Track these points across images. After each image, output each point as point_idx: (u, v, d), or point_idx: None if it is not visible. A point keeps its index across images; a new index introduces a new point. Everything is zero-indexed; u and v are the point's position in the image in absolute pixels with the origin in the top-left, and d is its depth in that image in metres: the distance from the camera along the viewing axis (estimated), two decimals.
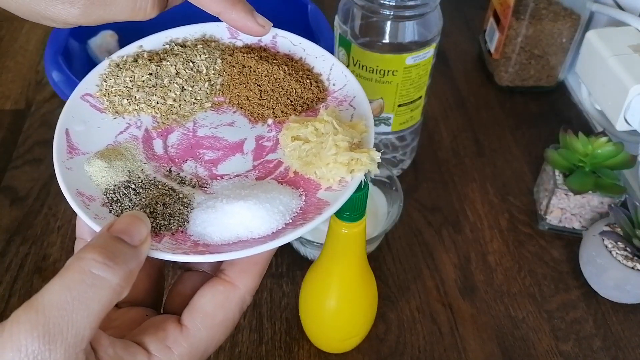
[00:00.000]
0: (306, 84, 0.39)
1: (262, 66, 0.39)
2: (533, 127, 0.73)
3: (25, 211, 0.61)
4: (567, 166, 0.58)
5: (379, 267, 0.57)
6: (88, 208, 0.32)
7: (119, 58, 0.40)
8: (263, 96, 0.39)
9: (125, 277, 0.27)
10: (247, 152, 0.37)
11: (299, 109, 0.38)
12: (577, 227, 0.60)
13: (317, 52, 0.41)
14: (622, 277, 0.52)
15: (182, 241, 0.32)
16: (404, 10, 0.52)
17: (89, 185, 0.34)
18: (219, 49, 0.41)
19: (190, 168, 0.37)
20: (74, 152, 0.35)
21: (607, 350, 0.52)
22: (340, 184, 0.33)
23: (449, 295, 0.55)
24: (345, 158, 0.33)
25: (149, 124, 0.38)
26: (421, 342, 0.52)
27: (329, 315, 0.47)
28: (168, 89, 0.39)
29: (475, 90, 0.78)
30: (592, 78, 0.63)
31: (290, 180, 0.35)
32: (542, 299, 0.55)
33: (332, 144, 0.33)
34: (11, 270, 0.56)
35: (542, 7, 0.71)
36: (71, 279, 0.26)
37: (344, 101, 0.38)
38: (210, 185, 0.35)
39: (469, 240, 0.60)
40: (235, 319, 0.32)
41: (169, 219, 0.33)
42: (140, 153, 0.37)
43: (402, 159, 0.65)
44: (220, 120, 0.39)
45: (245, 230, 0.32)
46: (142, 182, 0.34)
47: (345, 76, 0.39)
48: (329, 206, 0.32)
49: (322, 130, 0.34)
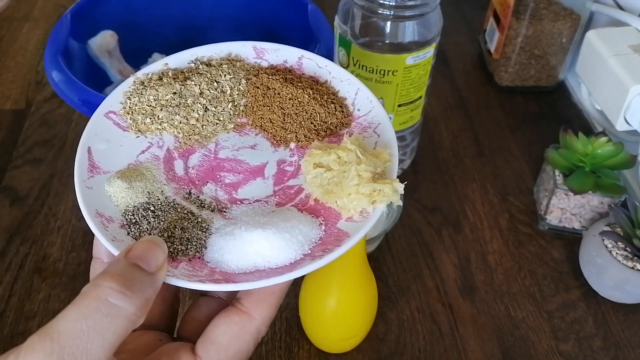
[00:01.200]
0: (330, 109, 0.38)
1: (286, 89, 0.39)
2: (533, 127, 0.73)
3: (25, 211, 0.61)
4: (567, 166, 0.58)
5: (379, 267, 0.57)
6: (107, 230, 0.32)
7: (144, 76, 0.39)
8: (286, 119, 0.38)
9: (141, 306, 0.26)
10: (268, 177, 0.37)
11: (323, 134, 0.38)
12: (577, 227, 0.60)
13: (343, 76, 0.40)
14: (622, 277, 0.52)
15: (199, 268, 0.31)
16: (404, 10, 0.52)
17: (108, 206, 0.33)
18: (244, 69, 0.41)
19: (210, 191, 0.36)
20: (95, 170, 0.35)
21: (607, 350, 0.52)
22: (362, 214, 0.33)
23: (449, 295, 0.55)
24: (367, 189, 0.32)
25: (171, 143, 0.38)
26: (421, 342, 0.52)
27: (329, 315, 0.47)
28: (191, 108, 0.38)
29: (475, 90, 0.78)
30: (592, 78, 0.63)
31: (310, 208, 0.34)
32: (542, 299, 0.55)
33: (354, 174, 0.32)
34: (11, 270, 0.56)
35: (542, 7, 0.71)
36: (87, 307, 0.25)
37: (368, 127, 0.37)
38: (229, 210, 0.35)
39: (469, 240, 0.60)
40: (249, 350, 0.31)
41: (186, 244, 0.32)
42: (160, 174, 0.36)
43: (402, 159, 0.65)
44: (242, 143, 0.39)
45: (262, 259, 0.31)
46: (162, 204, 0.34)
47: (371, 102, 0.38)
48: (348, 238, 0.31)
49: (345, 159, 0.34)
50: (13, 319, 0.52)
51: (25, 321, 0.52)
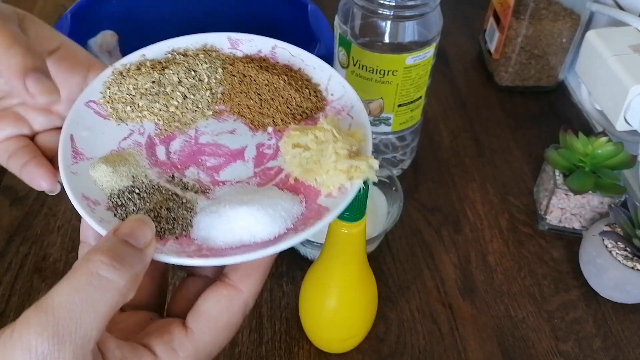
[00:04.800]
0: (305, 94, 0.39)
1: (262, 76, 0.40)
2: (533, 127, 0.73)
3: (25, 211, 0.61)
4: (567, 166, 0.58)
5: (379, 267, 0.57)
6: (93, 212, 0.33)
7: (122, 66, 0.40)
8: (263, 105, 0.40)
9: (131, 280, 0.27)
10: (248, 159, 0.38)
11: (299, 118, 0.39)
12: (577, 227, 0.60)
13: (316, 63, 0.41)
14: (622, 277, 0.52)
15: (187, 245, 0.32)
16: (404, 10, 0.52)
17: (94, 189, 0.34)
18: (220, 59, 0.42)
19: (192, 174, 0.37)
20: (79, 157, 0.35)
21: (607, 350, 0.52)
22: (340, 190, 0.34)
23: (449, 295, 0.55)
24: (344, 165, 0.33)
25: (152, 130, 0.39)
26: (421, 342, 0.52)
27: (329, 315, 0.47)
28: (170, 97, 0.39)
29: (475, 90, 0.78)
30: (592, 78, 0.63)
31: (290, 186, 0.35)
32: (542, 299, 0.55)
33: (332, 151, 0.34)
34: (11, 270, 0.56)
35: (542, 7, 0.71)
36: (78, 281, 0.26)
37: (342, 110, 0.39)
38: (212, 191, 0.36)
39: (469, 240, 0.60)
40: (238, 322, 0.32)
41: (173, 223, 0.33)
42: (143, 159, 0.37)
43: (402, 159, 0.65)
44: (221, 128, 0.40)
45: (248, 235, 0.32)
46: (146, 187, 0.35)
47: (343, 87, 0.39)
48: (328, 212, 0.33)
49: (322, 138, 0.35)
50: (13, 319, 0.51)
51: None
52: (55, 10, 0.89)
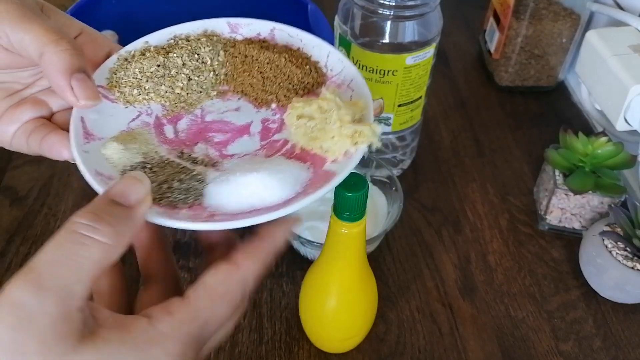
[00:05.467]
0: (306, 70, 0.40)
1: (263, 54, 0.41)
2: (533, 127, 0.73)
3: (25, 211, 0.61)
4: (567, 166, 0.58)
5: (379, 267, 0.57)
6: (107, 185, 0.33)
7: (126, 53, 0.41)
8: (266, 82, 0.41)
9: (114, 236, 0.28)
10: (254, 134, 0.39)
11: (301, 93, 0.40)
12: (577, 227, 0.60)
13: (314, 42, 0.42)
14: (622, 277, 0.52)
15: (200, 212, 0.33)
16: (404, 10, 0.52)
17: (106, 167, 0.35)
18: (221, 42, 0.43)
19: (201, 150, 0.38)
20: (90, 137, 0.36)
21: (607, 350, 0.52)
22: (345, 156, 0.35)
23: (449, 295, 0.55)
24: (349, 131, 0.34)
25: (159, 111, 0.40)
26: (421, 342, 0.52)
27: (329, 315, 0.47)
28: (175, 79, 0.40)
29: (475, 90, 0.78)
30: (592, 78, 0.63)
31: (297, 156, 0.36)
32: (542, 299, 0.55)
33: (336, 118, 0.35)
34: (11, 270, 0.56)
35: (542, 7, 0.71)
36: (60, 239, 0.27)
37: (342, 84, 0.40)
38: (221, 164, 0.37)
39: (469, 240, 0.60)
40: (236, 298, 0.32)
41: (185, 194, 0.34)
42: (152, 137, 0.38)
43: (402, 159, 0.65)
44: (226, 107, 0.41)
45: (258, 199, 0.33)
46: (157, 162, 0.36)
47: (342, 62, 0.40)
48: (335, 175, 0.34)
49: (326, 107, 0.36)
50: None
51: None
52: None
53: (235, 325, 0.35)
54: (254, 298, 0.54)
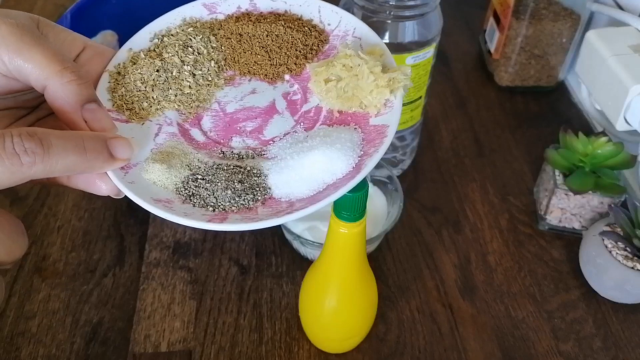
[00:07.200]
0: (306, 31, 0.39)
1: (260, 28, 0.39)
2: (533, 127, 0.73)
3: (25, 211, 0.61)
4: (567, 166, 0.58)
5: (379, 267, 0.57)
6: (173, 210, 0.32)
7: (115, 67, 0.39)
8: (272, 56, 0.39)
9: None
10: (282, 111, 0.38)
11: (309, 56, 0.38)
12: (577, 227, 0.60)
13: (299, 0, 0.40)
14: (622, 277, 0.52)
15: (277, 205, 0.32)
16: (404, 10, 0.52)
17: (158, 191, 0.33)
18: (206, 27, 0.41)
19: (239, 143, 0.37)
20: (125, 167, 0.34)
21: (607, 350, 0.52)
22: (386, 106, 0.34)
23: (449, 295, 0.55)
24: (384, 80, 0.34)
25: (177, 118, 0.38)
26: (421, 342, 0.52)
27: (329, 315, 0.47)
28: (180, 79, 0.39)
29: (475, 90, 0.78)
30: (592, 78, 0.63)
31: (338, 120, 0.35)
32: (542, 299, 0.55)
33: (368, 72, 0.34)
34: (11, 270, 0.56)
35: (542, 7, 0.71)
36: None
37: (346, 35, 0.38)
38: (266, 151, 0.36)
39: (469, 240, 0.60)
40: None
41: (252, 192, 0.33)
42: (186, 146, 0.36)
43: (402, 159, 0.65)
44: (242, 93, 0.39)
45: (328, 174, 0.33)
46: (206, 170, 0.34)
47: (337, 13, 0.39)
48: (388, 127, 0.33)
49: (351, 64, 0.35)
50: (13, 319, 0.52)
51: (25, 321, 0.51)
52: (55, 10, 0.89)
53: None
54: (254, 297, 0.54)
